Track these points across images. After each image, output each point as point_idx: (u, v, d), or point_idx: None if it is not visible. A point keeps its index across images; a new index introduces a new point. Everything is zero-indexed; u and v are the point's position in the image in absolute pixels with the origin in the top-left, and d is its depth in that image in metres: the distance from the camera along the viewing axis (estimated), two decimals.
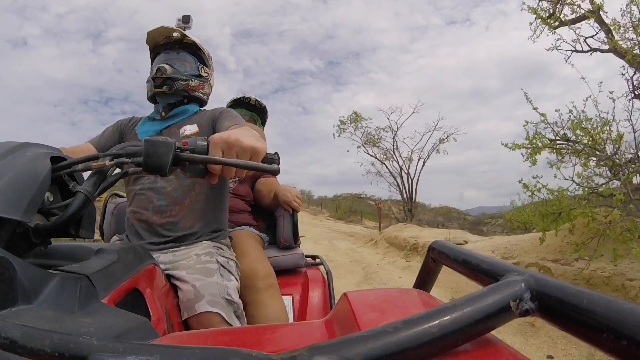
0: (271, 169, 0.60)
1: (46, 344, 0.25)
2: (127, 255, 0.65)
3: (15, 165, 0.47)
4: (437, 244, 0.56)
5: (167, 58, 1.15)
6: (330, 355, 0.24)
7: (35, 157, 0.50)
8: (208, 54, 1.22)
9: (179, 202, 1.05)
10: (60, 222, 0.51)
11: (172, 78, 1.11)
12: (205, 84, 1.20)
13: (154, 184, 1.06)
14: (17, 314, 0.38)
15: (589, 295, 0.27)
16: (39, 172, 0.49)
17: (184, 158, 0.58)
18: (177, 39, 1.16)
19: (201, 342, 0.39)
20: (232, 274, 1.02)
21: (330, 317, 0.42)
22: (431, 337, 0.26)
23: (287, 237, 1.49)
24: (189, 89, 1.14)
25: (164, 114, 1.14)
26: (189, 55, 1.17)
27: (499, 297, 0.29)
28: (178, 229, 1.04)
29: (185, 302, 0.89)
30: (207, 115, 1.14)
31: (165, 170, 0.56)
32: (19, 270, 0.39)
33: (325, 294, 1.35)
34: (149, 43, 1.17)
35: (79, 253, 0.60)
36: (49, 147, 0.56)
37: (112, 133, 1.17)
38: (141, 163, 0.57)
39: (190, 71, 1.16)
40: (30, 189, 0.46)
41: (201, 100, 1.21)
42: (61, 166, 0.54)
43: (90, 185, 0.55)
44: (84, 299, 0.46)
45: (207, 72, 1.21)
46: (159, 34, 1.14)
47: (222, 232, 1.15)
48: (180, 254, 1.00)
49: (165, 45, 1.16)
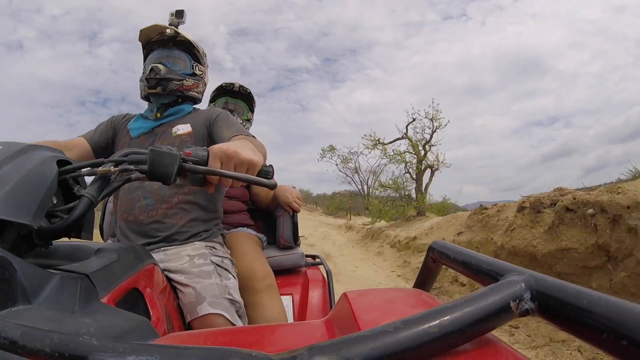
0: (269, 183, 0.63)
1: (46, 344, 0.25)
2: (127, 255, 0.65)
3: (23, 169, 0.47)
4: (437, 244, 0.56)
5: (161, 56, 1.12)
6: (330, 355, 0.24)
7: (43, 161, 0.50)
8: (202, 52, 1.20)
9: (166, 200, 1.04)
10: (65, 225, 0.52)
11: (167, 78, 1.09)
12: (199, 83, 1.18)
13: (141, 183, 1.04)
14: (17, 313, 0.38)
15: (589, 295, 0.27)
16: (47, 177, 0.49)
17: (186, 168, 0.59)
18: (171, 36, 1.13)
19: (201, 342, 0.39)
20: (230, 272, 1.01)
21: (330, 317, 0.42)
22: (431, 337, 0.26)
23: (287, 237, 1.49)
24: (183, 88, 1.13)
25: (159, 115, 1.13)
26: (182, 53, 1.14)
27: (499, 297, 0.29)
28: (166, 227, 1.02)
29: (187, 304, 0.88)
30: (201, 116, 1.13)
31: (170, 180, 0.58)
32: (19, 270, 0.39)
33: (325, 294, 1.35)
34: (141, 40, 1.15)
35: (79, 253, 0.60)
36: (54, 149, 0.56)
37: (105, 129, 1.15)
38: (146, 171, 0.58)
39: (185, 70, 1.14)
40: (39, 193, 0.47)
41: (195, 99, 1.20)
42: (67, 170, 0.54)
43: (95, 189, 0.56)
44: (84, 299, 0.46)
45: (201, 70, 1.19)
46: (152, 30, 1.12)
47: (214, 230, 1.13)
48: (171, 252, 0.99)
49: (158, 42, 1.14)
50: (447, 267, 0.53)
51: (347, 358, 0.24)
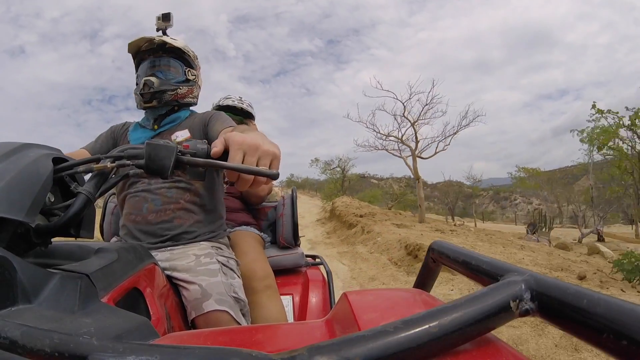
0: (271, 173, 0.61)
1: (46, 343, 0.25)
2: (127, 255, 0.65)
3: (17, 166, 0.47)
4: (437, 244, 0.56)
5: (152, 66, 1.13)
6: (330, 355, 0.24)
7: (38, 159, 0.50)
8: (194, 55, 1.20)
9: (173, 201, 1.05)
10: (62, 222, 0.51)
11: (161, 91, 1.09)
12: (193, 87, 1.19)
13: (149, 186, 1.06)
14: (17, 313, 0.38)
15: (589, 296, 0.27)
16: (42, 173, 0.49)
17: (184, 161, 0.59)
18: (160, 44, 1.13)
19: (201, 342, 0.39)
20: (235, 272, 1.03)
21: (330, 317, 0.42)
22: (431, 337, 0.26)
23: (287, 236, 1.49)
24: (178, 97, 1.13)
25: (157, 126, 1.14)
26: (174, 60, 1.15)
27: (499, 297, 0.29)
28: (174, 227, 1.04)
29: (192, 301, 0.89)
30: (197, 119, 1.14)
31: (167, 173, 0.57)
32: (19, 269, 0.39)
33: (325, 294, 1.36)
34: (130, 51, 1.15)
35: (79, 252, 0.60)
36: (50, 147, 0.56)
37: (106, 139, 1.17)
38: (143, 165, 0.58)
39: (177, 77, 1.15)
40: (32, 190, 0.47)
41: (191, 104, 1.21)
42: (63, 167, 0.54)
43: (92, 186, 0.55)
44: (84, 298, 0.46)
45: (194, 75, 1.19)
46: (140, 41, 1.12)
47: (220, 232, 1.15)
48: (177, 252, 1.00)
49: (148, 51, 1.14)
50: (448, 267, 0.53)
51: (347, 358, 0.24)
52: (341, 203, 12.43)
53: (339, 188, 20.42)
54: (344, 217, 9.73)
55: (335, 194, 18.46)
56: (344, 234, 8.56)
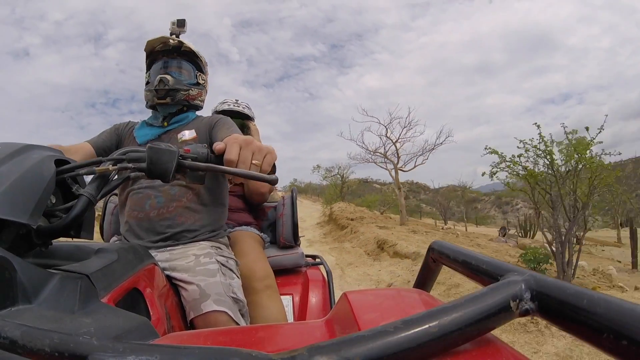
0: (270, 178, 0.62)
1: (46, 343, 0.25)
2: (127, 255, 0.65)
3: (21, 168, 0.47)
4: (437, 244, 0.56)
5: (166, 66, 1.16)
6: (330, 355, 0.24)
7: (41, 161, 0.50)
8: (204, 61, 1.24)
9: (176, 199, 1.06)
10: (63, 224, 0.52)
11: (175, 89, 1.13)
12: (202, 91, 1.23)
13: (152, 183, 1.06)
14: (17, 313, 0.38)
15: (589, 296, 0.27)
16: (45, 176, 0.49)
17: (186, 165, 0.59)
18: (175, 46, 1.17)
19: (201, 342, 0.39)
20: (234, 272, 1.03)
21: (330, 317, 0.42)
22: (431, 337, 0.26)
23: (287, 236, 1.49)
24: (189, 98, 1.17)
25: (166, 123, 1.17)
26: (186, 62, 1.19)
27: (499, 297, 0.29)
28: (176, 225, 1.05)
29: (190, 301, 0.89)
30: (204, 122, 1.17)
31: (168, 177, 0.58)
32: (19, 270, 0.39)
33: (325, 294, 1.35)
34: (146, 50, 1.19)
35: (79, 253, 0.60)
36: (52, 149, 0.56)
37: (109, 135, 1.18)
38: (144, 169, 0.58)
39: (189, 79, 1.18)
40: (36, 192, 0.47)
41: (198, 107, 1.24)
42: (65, 169, 0.54)
43: (93, 188, 0.55)
44: (84, 299, 0.46)
45: (204, 79, 1.23)
46: (157, 41, 1.16)
47: (220, 231, 1.15)
48: (177, 252, 1.00)
49: (162, 52, 1.18)
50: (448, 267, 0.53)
51: (347, 358, 0.24)
52: (338, 208, 13.39)
53: (338, 194, 20.89)
54: (339, 220, 11.07)
55: (334, 200, 18.85)
56: (337, 235, 9.92)
